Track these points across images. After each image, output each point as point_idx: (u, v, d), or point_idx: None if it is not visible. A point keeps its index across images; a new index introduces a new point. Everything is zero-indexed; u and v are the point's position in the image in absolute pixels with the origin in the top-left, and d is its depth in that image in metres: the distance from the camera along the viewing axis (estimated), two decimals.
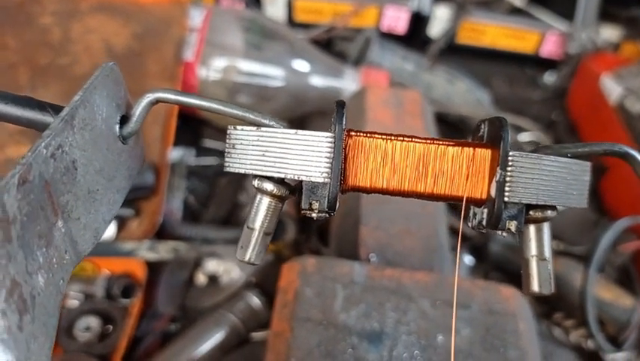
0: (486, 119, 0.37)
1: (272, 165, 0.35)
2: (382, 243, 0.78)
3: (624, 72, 1.35)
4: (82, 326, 0.86)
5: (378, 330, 0.62)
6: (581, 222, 1.10)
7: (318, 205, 0.34)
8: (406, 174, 0.35)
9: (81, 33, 1.04)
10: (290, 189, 0.37)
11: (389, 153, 0.35)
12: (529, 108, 1.47)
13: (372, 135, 0.36)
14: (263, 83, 1.14)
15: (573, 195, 0.37)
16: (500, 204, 0.34)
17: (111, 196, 0.35)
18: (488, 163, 0.35)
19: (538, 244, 0.37)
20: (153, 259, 0.93)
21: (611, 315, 0.95)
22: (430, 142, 0.36)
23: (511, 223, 0.35)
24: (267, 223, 0.37)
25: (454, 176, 0.35)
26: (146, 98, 0.36)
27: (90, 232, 0.33)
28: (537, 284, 0.37)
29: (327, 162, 0.34)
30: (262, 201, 0.37)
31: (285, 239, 1.01)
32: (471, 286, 0.69)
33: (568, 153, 0.37)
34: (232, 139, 0.36)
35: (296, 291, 0.65)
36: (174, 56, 1.03)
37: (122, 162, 0.36)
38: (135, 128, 0.37)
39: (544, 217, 0.36)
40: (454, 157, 0.35)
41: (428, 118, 1.05)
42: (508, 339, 0.64)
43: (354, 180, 0.36)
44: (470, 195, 0.35)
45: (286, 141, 0.34)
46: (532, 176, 0.34)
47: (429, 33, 1.52)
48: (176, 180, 1.09)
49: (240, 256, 0.37)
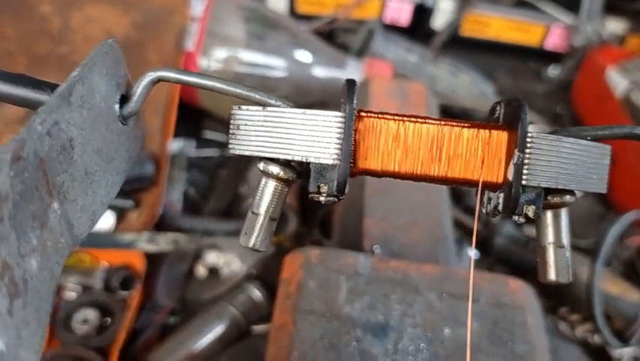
0: (501, 100, 0.36)
1: (278, 146, 0.33)
2: (387, 234, 0.77)
3: (630, 65, 1.34)
4: (80, 319, 0.84)
5: (383, 323, 0.61)
6: (588, 216, 1.09)
7: (326, 189, 0.33)
8: (418, 156, 0.34)
9: (81, 22, 1.02)
10: (297, 172, 0.35)
11: (401, 134, 0.34)
12: (533, 101, 1.45)
13: (383, 116, 0.34)
14: (265, 73, 1.13)
15: (593, 179, 0.35)
16: (518, 188, 0.32)
17: (110, 178, 0.34)
18: (505, 146, 0.34)
19: (556, 231, 0.35)
20: (153, 251, 0.91)
21: (617, 309, 0.94)
22: (444, 124, 0.34)
23: (528, 208, 0.33)
24: (272, 208, 0.35)
25: (469, 159, 0.34)
26: (147, 76, 0.35)
27: (87, 215, 0.31)
28: (554, 273, 0.35)
29: (337, 142, 0.32)
30: (268, 185, 0.35)
31: (286, 231, 0.99)
32: (478, 279, 0.67)
33: (587, 136, 0.35)
34: (236, 120, 0.35)
35: (299, 283, 0.64)
36: (175, 45, 1.01)
37: (121, 143, 0.35)
38: (135, 108, 0.35)
39: (563, 202, 0.35)
40: (469, 139, 0.34)
41: (433, 110, 1.04)
42: (517, 333, 0.62)
43: (364, 163, 0.34)
44: (486, 178, 0.34)
45: (294, 120, 0.33)
46: (552, 158, 0.33)
47: (432, 25, 1.50)
48: (177, 171, 1.07)
49: (244, 242, 0.35)
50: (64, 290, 0.89)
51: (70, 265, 0.91)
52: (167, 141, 0.97)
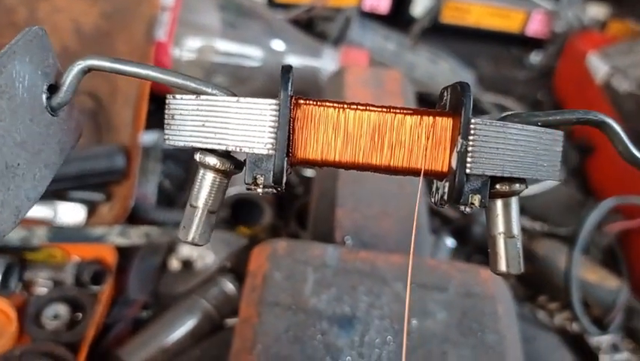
0: (448, 86, 0.34)
1: (212, 136, 0.32)
2: (358, 225, 0.75)
3: (611, 51, 1.33)
4: (50, 314, 0.83)
5: (349, 315, 0.60)
6: (567, 203, 1.08)
7: (263, 180, 0.31)
8: (359, 145, 0.32)
9: (48, 12, 0.99)
10: (235, 162, 0.34)
11: (341, 122, 0.32)
12: (514, 88, 1.44)
13: (322, 104, 0.33)
14: (240, 63, 1.11)
15: (544, 166, 0.34)
16: (462, 177, 0.31)
17: (36, 172, 0.32)
18: (450, 133, 0.32)
19: (506, 220, 0.34)
20: (124, 245, 0.90)
21: (596, 297, 0.93)
22: (387, 111, 0.33)
23: (474, 197, 0.32)
24: (211, 201, 0.34)
25: (412, 147, 0.32)
26: (76, 65, 0.33)
27: (9, 210, 0.30)
28: (505, 263, 0.34)
29: (271, 132, 0.31)
30: (205, 177, 0.34)
31: (261, 223, 0.98)
32: (449, 269, 0.66)
33: (538, 122, 0.34)
34: (171, 109, 0.33)
35: (265, 275, 0.63)
36: (145, 35, 0.99)
37: (50, 134, 0.33)
38: (65, 99, 0.33)
39: (512, 191, 0.33)
40: (413, 127, 0.32)
41: (409, 97, 1.02)
42: (486, 323, 0.61)
43: (303, 153, 0.33)
44: (430, 167, 0.33)
45: (227, 109, 0.31)
46: (497, 146, 0.31)
47: (412, 12, 1.48)
48: (151, 163, 1.05)
49: (183, 236, 0.34)
50: (35, 286, 0.88)
51: (40, 260, 0.90)
52: (138, 132, 0.95)
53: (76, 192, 0.92)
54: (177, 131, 0.33)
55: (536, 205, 1.06)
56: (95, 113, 0.97)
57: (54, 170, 0.34)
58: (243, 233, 0.96)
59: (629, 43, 1.35)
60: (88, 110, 0.96)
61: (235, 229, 0.97)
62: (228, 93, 0.33)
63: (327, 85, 1.06)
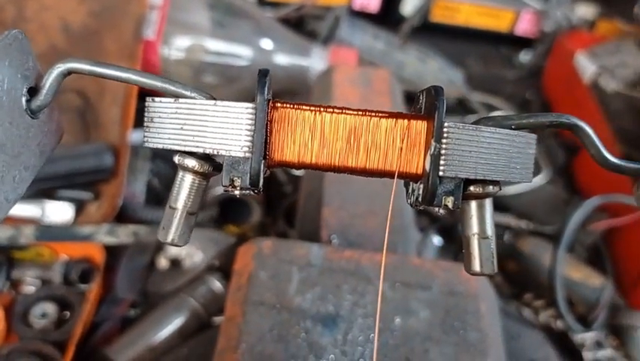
0: (424, 89, 0.35)
1: (190, 139, 0.32)
2: (344, 223, 0.76)
3: (599, 50, 1.34)
4: (38, 313, 0.83)
5: (333, 313, 0.60)
6: (552, 202, 1.09)
7: (240, 182, 0.32)
8: (335, 147, 0.33)
9: (36, 11, 0.99)
10: (214, 164, 0.34)
11: (318, 125, 0.33)
12: (504, 87, 1.45)
13: (299, 107, 0.33)
14: (229, 62, 1.11)
15: (517, 169, 0.34)
16: (435, 179, 0.32)
17: (16, 174, 0.32)
18: (424, 136, 0.33)
19: (480, 221, 0.35)
20: (112, 243, 0.90)
21: (580, 295, 0.94)
22: (362, 114, 0.33)
23: (447, 199, 0.33)
24: (190, 203, 0.35)
25: (387, 150, 0.33)
26: (56, 68, 0.34)
27: None
28: (478, 264, 0.35)
29: (247, 134, 0.31)
30: (185, 179, 0.34)
31: (250, 222, 0.99)
32: (432, 267, 0.67)
33: (512, 125, 0.35)
34: (150, 112, 0.34)
35: (250, 274, 0.63)
36: (133, 34, 0.99)
37: (30, 137, 0.34)
38: (45, 101, 0.34)
39: (486, 193, 0.34)
40: (388, 129, 0.33)
41: (397, 96, 1.03)
42: (469, 321, 0.62)
43: (280, 155, 0.33)
44: (405, 169, 0.33)
45: (205, 112, 0.32)
46: (470, 148, 0.32)
47: (402, 11, 1.49)
48: (140, 162, 1.06)
49: (162, 237, 0.35)
50: (23, 284, 0.88)
51: (28, 259, 0.90)
52: (126, 131, 0.95)
53: (64, 190, 0.92)
54: (156, 133, 0.33)
55: (522, 203, 1.07)
56: (82, 112, 0.97)
57: (34, 172, 0.34)
58: (231, 232, 0.96)
59: (616, 42, 1.36)
60: (76, 108, 0.97)
61: (223, 227, 0.97)
62: (207, 96, 0.34)
63: (316, 84, 1.06)
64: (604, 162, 0.35)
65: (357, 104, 0.96)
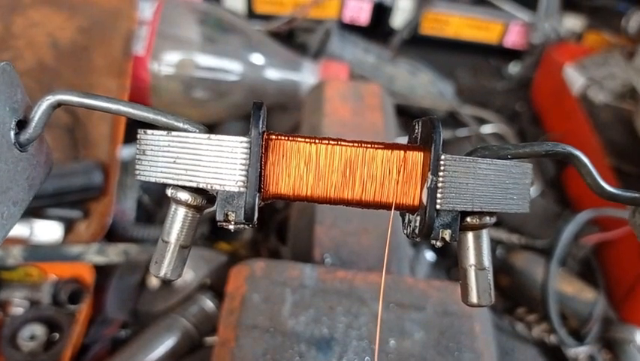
0: (419, 119, 0.35)
1: (184, 173, 0.32)
2: (337, 242, 0.75)
3: (587, 62, 1.35)
4: (26, 335, 0.82)
5: (327, 336, 0.60)
6: (544, 216, 1.09)
7: (234, 216, 0.31)
8: (331, 180, 0.33)
9: (24, 27, 0.98)
10: (207, 197, 0.34)
11: (313, 157, 0.33)
12: (493, 99, 1.45)
13: (294, 139, 0.33)
14: (220, 77, 1.11)
15: (513, 199, 0.34)
16: (432, 212, 0.31)
17: (4, 210, 0.32)
18: (420, 167, 0.33)
19: (477, 253, 0.34)
20: (102, 263, 0.89)
21: (572, 309, 0.94)
22: (358, 145, 0.33)
23: (445, 232, 0.32)
24: (183, 236, 0.34)
25: (383, 181, 0.33)
26: (45, 100, 0.33)
27: None
28: (476, 295, 0.34)
29: (242, 169, 0.31)
30: (177, 212, 0.34)
31: (241, 239, 0.98)
32: (426, 287, 0.67)
33: (508, 155, 0.34)
34: (142, 144, 0.33)
35: (243, 297, 0.62)
36: (123, 50, 0.98)
37: (19, 171, 0.33)
38: (34, 134, 0.33)
39: (483, 224, 0.34)
40: (384, 161, 0.33)
41: (388, 111, 1.03)
42: (464, 341, 0.62)
43: (275, 188, 0.33)
44: (402, 201, 0.33)
45: (198, 146, 0.31)
46: (467, 181, 0.32)
47: (392, 24, 1.49)
48: (130, 178, 1.05)
49: (155, 271, 0.34)
50: (11, 306, 0.87)
51: (16, 280, 0.89)
52: (116, 148, 0.94)
53: (53, 209, 0.91)
54: (148, 166, 0.33)
55: (514, 218, 1.07)
56: (71, 129, 0.96)
57: (23, 207, 0.33)
58: (222, 249, 0.95)
59: (604, 54, 1.37)
60: (64, 126, 0.95)
61: (215, 244, 0.96)
62: (200, 129, 0.33)
63: (307, 99, 1.06)
64: (600, 191, 0.35)
65: (349, 119, 0.96)
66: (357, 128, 0.94)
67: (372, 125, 0.96)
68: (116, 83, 0.97)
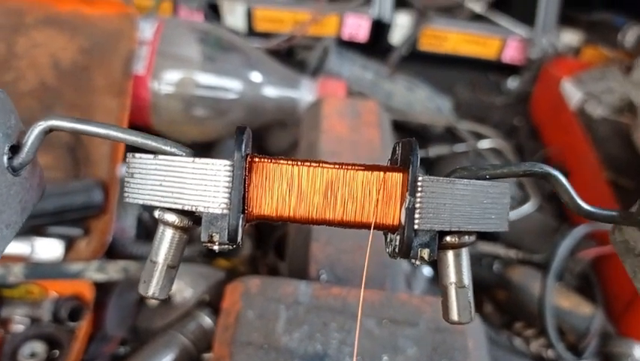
0: (400, 141, 0.36)
1: (169, 195, 0.33)
2: (332, 259, 0.76)
3: (585, 77, 1.36)
4: (26, 353, 0.83)
5: (321, 352, 0.60)
6: (541, 230, 1.10)
7: (218, 237, 0.32)
8: (313, 201, 0.34)
9: (26, 48, 1.00)
10: (194, 219, 0.35)
11: (295, 179, 0.34)
12: (492, 114, 1.46)
13: (277, 161, 0.34)
14: (219, 95, 1.12)
15: (491, 218, 0.35)
16: (410, 233, 0.32)
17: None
18: (400, 188, 0.34)
19: (457, 271, 0.35)
20: (102, 280, 0.90)
21: (570, 323, 0.95)
22: (339, 167, 0.34)
23: (423, 251, 0.33)
24: (170, 256, 0.35)
25: (364, 202, 0.34)
26: (37, 126, 0.34)
27: None
28: (456, 313, 0.35)
29: (225, 191, 0.32)
30: (165, 233, 0.35)
31: (240, 255, 0.99)
32: (420, 303, 0.67)
33: (486, 175, 0.35)
34: (131, 167, 0.34)
35: (238, 313, 0.63)
36: (123, 70, 1.00)
37: (12, 195, 0.34)
38: (27, 159, 0.34)
39: (462, 243, 0.35)
40: (364, 182, 0.34)
41: (385, 127, 1.04)
42: (456, 357, 0.62)
43: (258, 210, 0.34)
44: (382, 221, 0.34)
45: (183, 169, 0.32)
46: (445, 201, 0.33)
47: (390, 40, 1.51)
48: None
49: (143, 291, 0.35)
50: (11, 323, 0.88)
51: (17, 297, 0.90)
52: (116, 166, 0.96)
53: (54, 227, 0.92)
54: (136, 189, 0.34)
55: (510, 232, 1.07)
56: (72, 148, 0.97)
57: (16, 229, 0.35)
58: (221, 265, 0.96)
59: (601, 69, 1.38)
60: (65, 145, 0.97)
61: (213, 261, 0.97)
62: (187, 152, 0.34)
63: (305, 116, 1.07)
64: (577, 210, 0.36)
65: (346, 136, 0.97)
66: (354, 144, 0.96)
67: (368, 142, 0.97)
68: (117, 103, 0.98)
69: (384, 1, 1.47)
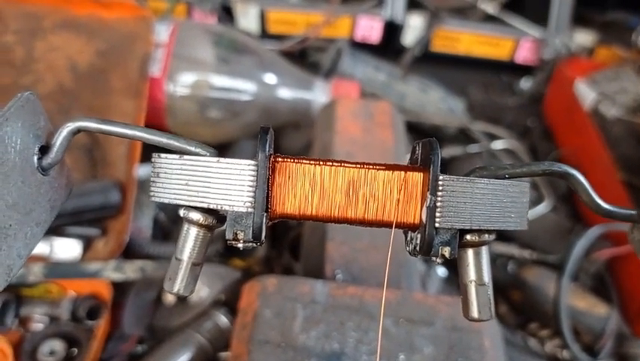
0: (420, 141, 0.36)
1: (195, 194, 0.33)
2: (348, 258, 0.77)
3: (598, 77, 1.35)
4: (46, 351, 0.84)
5: (338, 351, 0.61)
6: (556, 230, 1.10)
7: (243, 235, 0.33)
8: (335, 200, 0.34)
9: (44, 51, 1.02)
10: (218, 217, 0.35)
11: (317, 178, 0.34)
12: (505, 115, 1.46)
13: (299, 161, 0.34)
14: (233, 97, 1.13)
15: (511, 217, 0.35)
16: (431, 231, 0.33)
17: (28, 231, 0.34)
18: (420, 187, 0.34)
19: (477, 269, 0.36)
20: (119, 280, 0.91)
21: (585, 324, 0.94)
22: (360, 167, 0.34)
23: (444, 249, 0.34)
24: (195, 254, 0.36)
25: (385, 201, 0.34)
26: (66, 127, 0.35)
27: (2, 269, 0.31)
28: (476, 310, 0.36)
29: (249, 190, 0.33)
30: (190, 232, 0.36)
31: (255, 255, 0.99)
32: (436, 303, 0.68)
33: (505, 174, 0.36)
34: (156, 167, 0.35)
35: (255, 312, 0.64)
36: (139, 72, 1.01)
37: (41, 194, 0.35)
38: (56, 159, 0.35)
39: (482, 241, 0.35)
40: (385, 181, 0.34)
41: (399, 129, 1.04)
42: (473, 356, 0.62)
43: (281, 208, 0.34)
44: (403, 220, 0.34)
45: (209, 169, 0.33)
46: (465, 200, 0.33)
47: (403, 42, 1.52)
48: (146, 197, 1.07)
49: (168, 288, 0.36)
50: (31, 322, 0.89)
51: (37, 296, 0.91)
52: (133, 167, 0.97)
53: (72, 227, 0.93)
54: (162, 188, 0.35)
55: (525, 233, 1.07)
56: (90, 149, 0.99)
57: (45, 227, 0.36)
58: (236, 266, 0.97)
59: (615, 69, 1.37)
60: (82, 146, 0.98)
61: (229, 261, 0.98)
62: (210, 152, 0.35)
63: (319, 117, 1.08)
64: (597, 209, 0.36)
65: (360, 137, 0.98)
66: (367, 145, 0.96)
67: (382, 143, 0.97)
68: (133, 104, 0.99)
69: (397, 3, 1.48)
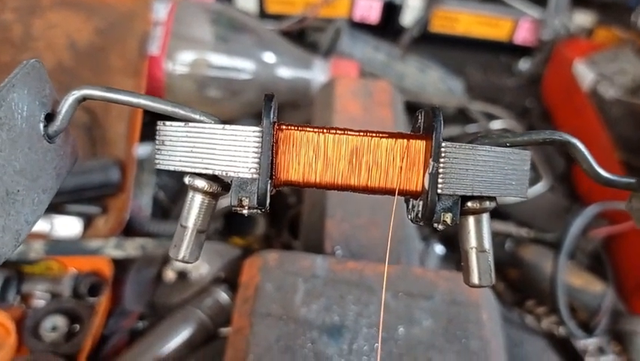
0: (422, 109, 0.37)
1: (200, 161, 0.34)
2: (347, 235, 0.77)
3: (597, 58, 1.35)
4: (48, 326, 0.85)
5: (338, 324, 0.62)
6: (553, 209, 1.11)
7: (248, 202, 0.33)
8: (338, 167, 0.35)
9: (43, 29, 1.01)
10: (223, 185, 0.36)
11: (321, 146, 0.35)
12: (503, 95, 1.46)
13: (303, 128, 0.35)
14: (232, 76, 1.13)
15: (512, 185, 0.36)
16: (434, 197, 0.33)
17: (35, 197, 0.34)
18: (423, 154, 0.35)
19: (478, 236, 0.36)
20: (120, 257, 0.92)
21: (581, 301, 0.96)
22: (364, 134, 0.35)
23: (446, 216, 0.34)
24: (200, 221, 0.36)
25: (387, 168, 0.35)
26: (71, 95, 0.35)
27: (10, 235, 0.32)
28: (477, 276, 0.36)
29: (254, 157, 0.33)
30: (195, 199, 0.36)
31: (255, 233, 1.00)
32: (435, 277, 0.68)
33: (507, 142, 0.36)
34: (161, 135, 0.35)
35: (256, 286, 0.65)
36: (138, 50, 1.01)
37: (47, 161, 0.35)
38: (62, 127, 0.35)
39: (483, 208, 0.36)
40: (388, 149, 0.35)
41: (398, 108, 1.04)
42: (471, 329, 0.63)
43: (285, 175, 0.35)
44: (405, 187, 0.35)
45: (214, 136, 0.34)
46: (467, 167, 0.34)
47: (402, 22, 1.51)
48: (146, 176, 1.07)
49: (174, 254, 0.36)
50: (33, 298, 0.90)
51: (38, 273, 0.92)
52: (132, 145, 0.97)
53: (73, 205, 0.94)
54: (167, 156, 0.35)
55: (523, 212, 1.08)
56: (89, 128, 0.99)
57: (52, 194, 0.36)
58: (236, 244, 0.98)
59: (614, 50, 1.37)
60: (82, 125, 0.98)
61: (229, 239, 0.99)
62: (215, 120, 0.35)
63: (318, 96, 1.08)
64: (597, 177, 0.37)
65: (359, 116, 0.98)
66: (366, 124, 0.96)
67: (381, 122, 0.98)
68: (132, 83, 0.99)
69: None
